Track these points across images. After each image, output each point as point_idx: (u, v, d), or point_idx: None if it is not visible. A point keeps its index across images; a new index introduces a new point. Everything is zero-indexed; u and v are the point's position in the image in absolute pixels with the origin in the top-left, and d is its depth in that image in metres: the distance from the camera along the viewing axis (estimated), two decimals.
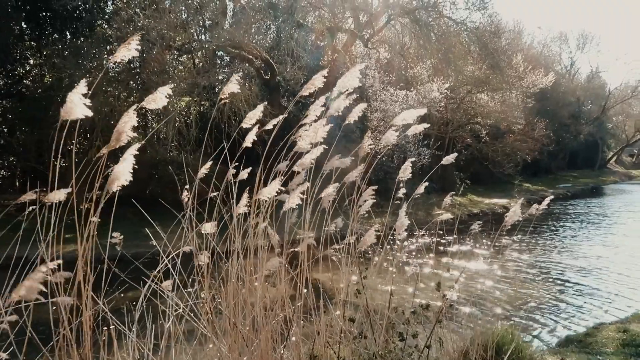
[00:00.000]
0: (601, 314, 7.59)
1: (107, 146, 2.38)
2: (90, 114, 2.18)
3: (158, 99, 2.40)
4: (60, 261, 2.10)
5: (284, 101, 18.37)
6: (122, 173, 2.31)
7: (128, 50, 2.32)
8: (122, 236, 3.07)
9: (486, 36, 21.22)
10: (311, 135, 2.92)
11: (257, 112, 3.04)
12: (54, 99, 13.77)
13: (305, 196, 3.05)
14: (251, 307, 3.06)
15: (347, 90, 2.93)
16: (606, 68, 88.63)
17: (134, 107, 2.33)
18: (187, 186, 3.08)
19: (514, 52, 27.17)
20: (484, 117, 26.90)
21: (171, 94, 2.45)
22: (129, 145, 2.39)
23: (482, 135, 27.13)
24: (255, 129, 3.02)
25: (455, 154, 3.73)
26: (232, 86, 2.93)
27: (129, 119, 2.30)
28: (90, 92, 2.12)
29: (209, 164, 3.06)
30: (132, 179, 2.38)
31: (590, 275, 10.23)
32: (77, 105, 2.16)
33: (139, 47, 2.40)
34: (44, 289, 1.94)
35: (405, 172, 3.52)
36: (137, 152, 2.40)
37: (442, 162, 3.66)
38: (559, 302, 8.36)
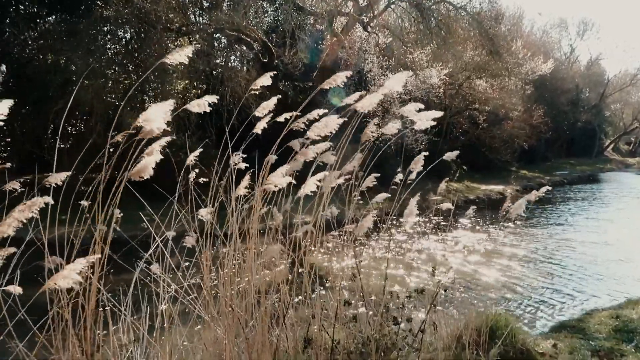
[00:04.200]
0: (594, 300, 7.66)
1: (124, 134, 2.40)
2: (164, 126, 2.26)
3: (202, 104, 2.44)
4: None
5: (282, 85, 18.29)
6: (148, 166, 2.35)
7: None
8: (121, 214, 3.09)
9: (486, 22, 21.10)
10: (321, 127, 2.91)
11: (270, 103, 3.06)
12: (52, 81, 13.66)
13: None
14: (247, 290, 3.08)
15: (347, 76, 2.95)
16: (605, 55, 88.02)
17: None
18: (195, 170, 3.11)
19: (514, 38, 27.05)
20: (482, 104, 26.85)
21: (216, 101, 2.47)
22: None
23: (480, 121, 27.09)
24: (267, 118, 3.04)
25: (457, 152, 3.74)
26: (265, 79, 2.96)
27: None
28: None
29: (198, 150, 3.07)
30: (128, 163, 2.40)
31: (585, 261, 10.30)
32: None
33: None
34: (80, 279, 1.99)
35: (417, 164, 3.55)
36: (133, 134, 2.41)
37: (444, 157, 3.67)
38: (553, 288, 8.43)
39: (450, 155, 3.69)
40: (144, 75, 12.95)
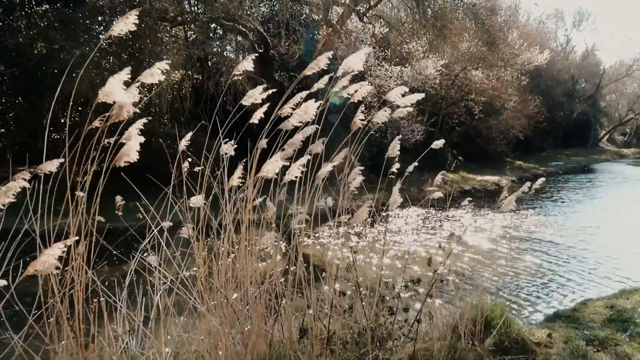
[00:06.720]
0: (589, 290, 7.70)
1: (102, 118, 2.38)
2: (131, 100, 2.18)
3: (155, 74, 2.41)
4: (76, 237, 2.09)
5: (277, 75, 18.21)
6: (132, 149, 2.33)
7: (125, 25, 2.35)
8: (123, 201, 3.07)
9: (483, 12, 21.03)
10: (301, 113, 2.91)
11: (256, 92, 3.04)
12: (47, 70, 13.56)
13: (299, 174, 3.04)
14: (243, 281, 3.08)
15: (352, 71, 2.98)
16: (601, 46, 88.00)
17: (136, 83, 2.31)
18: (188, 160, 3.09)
19: (510, 28, 26.96)
20: (478, 94, 26.82)
21: (168, 69, 2.44)
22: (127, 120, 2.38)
23: (476, 112, 27.10)
24: (264, 107, 3.04)
25: (443, 141, 3.74)
26: (247, 64, 2.93)
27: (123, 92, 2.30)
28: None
29: (188, 135, 3.05)
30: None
31: (581, 251, 10.34)
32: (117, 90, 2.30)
33: (137, 22, 2.38)
34: (59, 264, 1.96)
35: (394, 149, 3.52)
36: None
37: (432, 146, 3.68)
38: (548, 278, 8.47)
39: (438, 144, 3.70)
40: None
